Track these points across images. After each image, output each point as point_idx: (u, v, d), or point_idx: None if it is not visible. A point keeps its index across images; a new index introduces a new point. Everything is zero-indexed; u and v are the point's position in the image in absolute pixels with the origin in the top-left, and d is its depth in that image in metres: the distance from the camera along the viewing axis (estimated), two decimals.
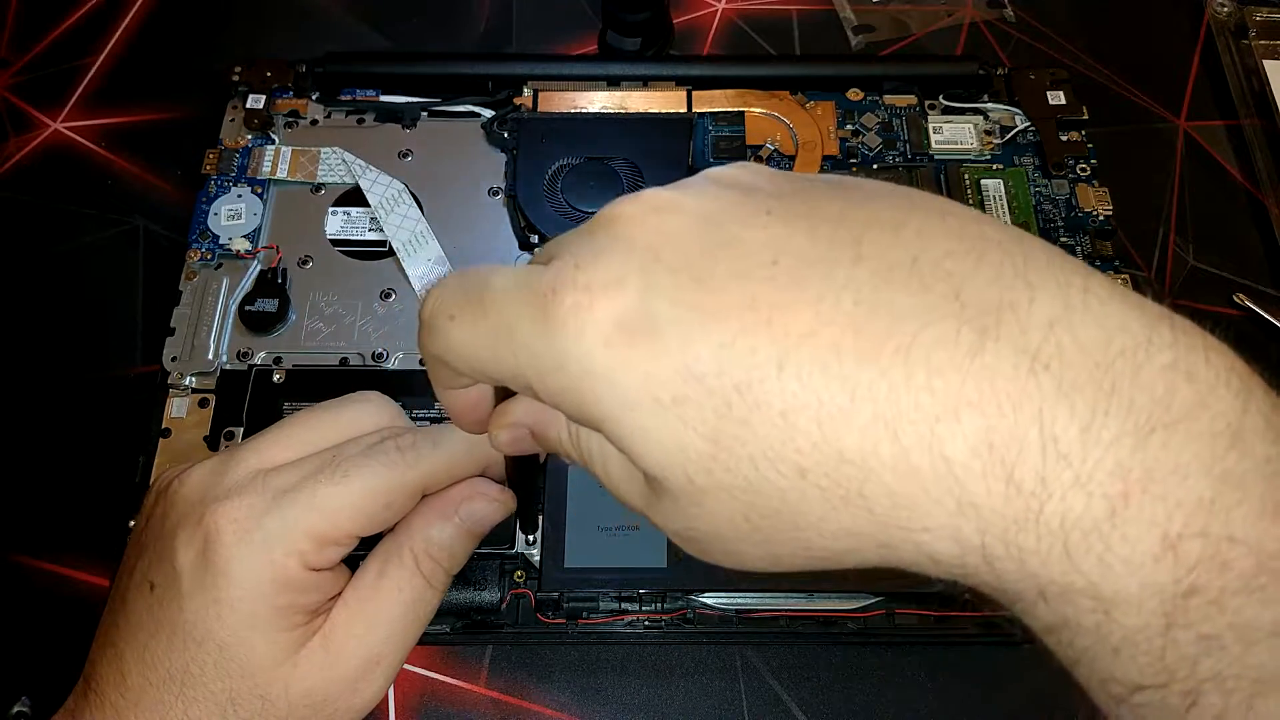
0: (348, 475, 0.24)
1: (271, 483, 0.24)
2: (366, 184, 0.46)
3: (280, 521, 0.23)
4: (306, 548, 0.23)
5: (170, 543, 0.24)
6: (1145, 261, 0.48)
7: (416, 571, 0.25)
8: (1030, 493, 0.14)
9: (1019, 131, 0.49)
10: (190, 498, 0.24)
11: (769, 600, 0.37)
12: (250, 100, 0.49)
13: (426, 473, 0.25)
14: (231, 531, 0.23)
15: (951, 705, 0.38)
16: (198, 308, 0.44)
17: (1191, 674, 0.14)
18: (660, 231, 0.17)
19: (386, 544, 0.26)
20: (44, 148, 0.51)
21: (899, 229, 0.16)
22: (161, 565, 0.24)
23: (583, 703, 0.38)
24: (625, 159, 0.46)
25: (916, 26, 0.55)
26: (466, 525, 0.26)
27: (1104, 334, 0.15)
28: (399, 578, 0.25)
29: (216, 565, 0.23)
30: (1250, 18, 0.54)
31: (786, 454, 0.15)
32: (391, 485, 0.24)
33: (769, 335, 0.15)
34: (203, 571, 0.23)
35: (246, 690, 0.23)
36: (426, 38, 0.55)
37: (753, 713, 0.38)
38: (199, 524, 0.23)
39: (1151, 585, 0.14)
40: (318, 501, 0.24)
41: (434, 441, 0.25)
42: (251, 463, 0.25)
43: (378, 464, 0.24)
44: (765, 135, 0.49)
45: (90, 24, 0.55)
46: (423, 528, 0.25)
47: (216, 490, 0.24)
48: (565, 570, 0.37)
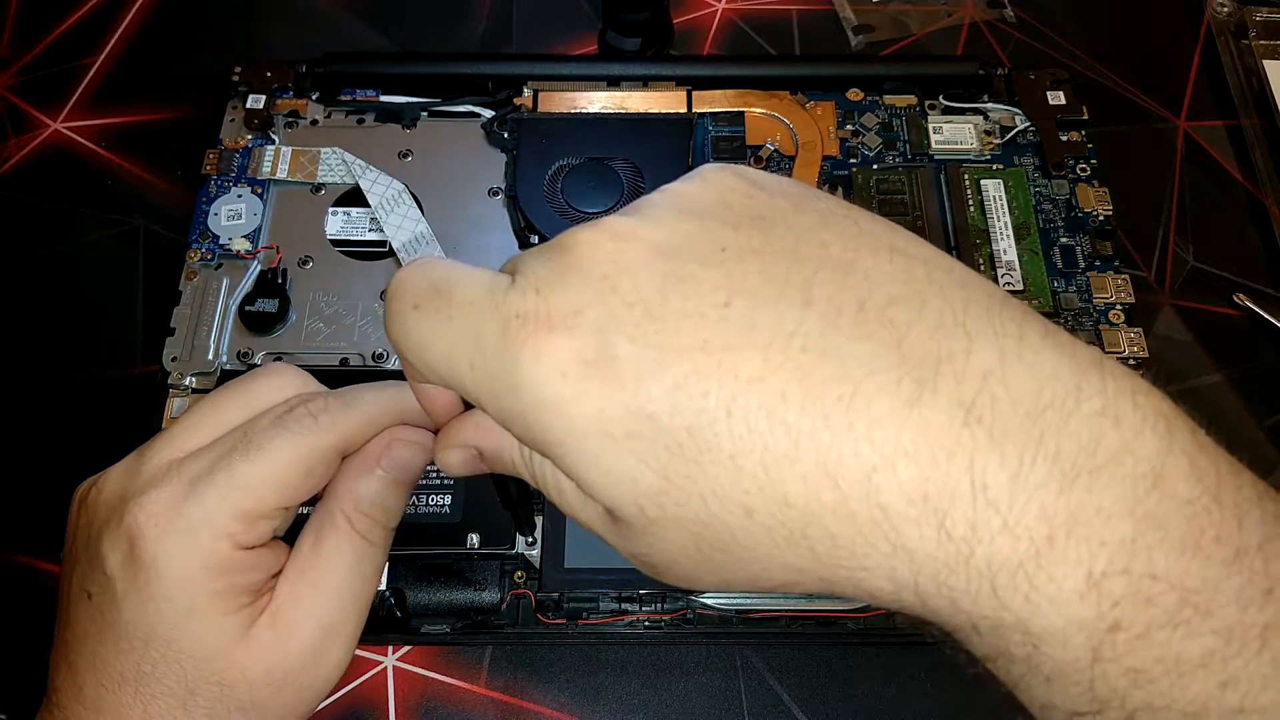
0: (261, 449, 0.24)
1: (186, 470, 0.24)
2: (366, 184, 0.46)
3: (200, 507, 0.23)
4: (234, 528, 0.23)
5: (97, 549, 0.23)
6: (1145, 261, 0.48)
7: (352, 532, 0.25)
8: (961, 538, 0.15)
9: (1019, 131, 0.49)
10: (109, 501, 0.24)
11: (769, 600, 0.37)
12: (250, 100, 0.49)
13: (342, 434, 0.24)
14: (154, 526, 0.23)
15: (951, 705, 0.38)
16: (198, 308, 0.44)
17: (1123, 704, 0.15)
18: (616, 262, 0.17)
19: (317, 512, 0.25)
20: (44, 148, 0.51)
21: (849, 271, 0.17)
22: (93, 573, 0.24)
23: (583, 703, 0.38)
24: (625, 159, 0.46)
25: (916, 26, 0.55)
26: (392, 475, 0.25)
27: (1036, 384, 0.16)
28: (336, 542, 0.25)
29: (145, 562, 0.23)
30: (1250, 18, 0.54)
31: (735, 494, 0.16)
32: (307, 452, 0.24)
33: (719, 378, 0.16)
34: (133, 571, 0.23)
35: (202, 679, 0.23)
36: (426, 38, 0.55)
37: (753, 713, 0.38)
38: (120, 525, 0.23)
39: (1076, 621, 0.15)
40: (235, 480, 0.23)
41: (346, 402, 0.25)
42: (165, 454, 0.24)
43: (290, 433, 0.24)
44: (765, 135, 0.49)
45: (90, 24, 0.55)
46: (348, 488, 0.25)
47: (133, 488, 0.24)
48: (565, 570, 0.37)
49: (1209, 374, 0.44)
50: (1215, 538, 0.15)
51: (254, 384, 0.26)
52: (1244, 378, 0.44)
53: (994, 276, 0.44)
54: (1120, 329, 0.43)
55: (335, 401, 0.25)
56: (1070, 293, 0.44)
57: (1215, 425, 0.42)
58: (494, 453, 0.21)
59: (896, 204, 0.47)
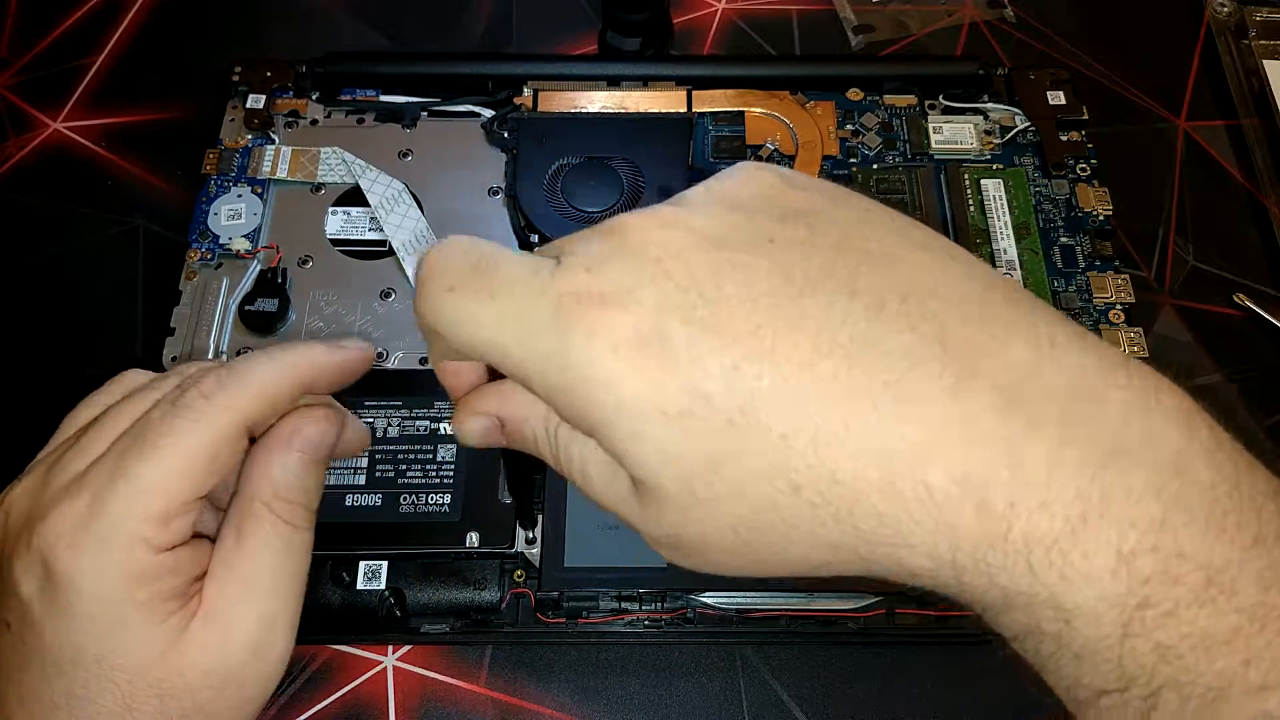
0: (157, 446, 0.22)
1: (89, 481, 0.22)
2: (366, 184, 0.46)
3: (108, 518, 0.22)
4: (147, 532, 0.22)
5: (9, 577, 0.22)
6: (1145, 261, 0.47)
7: (275, 519, 0.24)
8: (999, 515, 0.16)
9: (1019, 131, 0.49)
10: (15, 526, 0.23)
11: (769, 600, 0.37)
12: (250, 100, 0.49)
13: (241, 412, 0.23)
14: (65, 545, 0.22)
15: (951, 705, 0.38)
16: (198, 308, 0.44)
17: (1149, 680, 0.16)
18: (668, 247, 0.18)
19: (235, 503, 0.24)
20: (44, 148, 0.51)
21: (892, 265, 0.18)
22: (8, 601, 0.22)
23: (583, 703, 0.38)
24: (625, 159, 0.46)
25: (916, 26, 0.55)
26: (307, 455, 0.24)
27: (1067, 378, 0.17)
28: (259, 532, 0.23)
29: (61, 583, 0.22)
30: (1250, 18, 0.54)
31: (784, 472, 0.17)
32: (208, 439, 0.22)
33: (772, 362, 0.17)
34: (50, 594, 0.22)
35: (140, 693, 0.22)
36: (426, 38, 0.55)
37: (753, 713, 0.38)
38: (30, 548, 0.22)
39: (1108, 597, 0.16)
40: (138, 483, 0.22)
41: (239, 376, 0.23)
42: (66, 468, 0.23)
43: (184, 420, 0.22)
44: (765, 135, 0.49)
45: (90, 24, 0.55)
46: (263, 474, 0.24)
47: (37, 509, 0.22)
48: (565, 570, 0.37)
49: (1209, 374, 0.44)
50: (1237, 523, 0.16)
51: (127, 378, 0.26)
52: (1244, 378, 0.44)
53: None
54: (1120, 329, 0.43)
55: (229, 376, 0.23)
56: (1070, 292, 0.44)
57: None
58: (516, 425, 0.21)
59: (896, 204, 0.46)
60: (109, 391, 0.27)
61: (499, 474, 0.39)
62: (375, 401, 0.40)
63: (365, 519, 0.38)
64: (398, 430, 0.40)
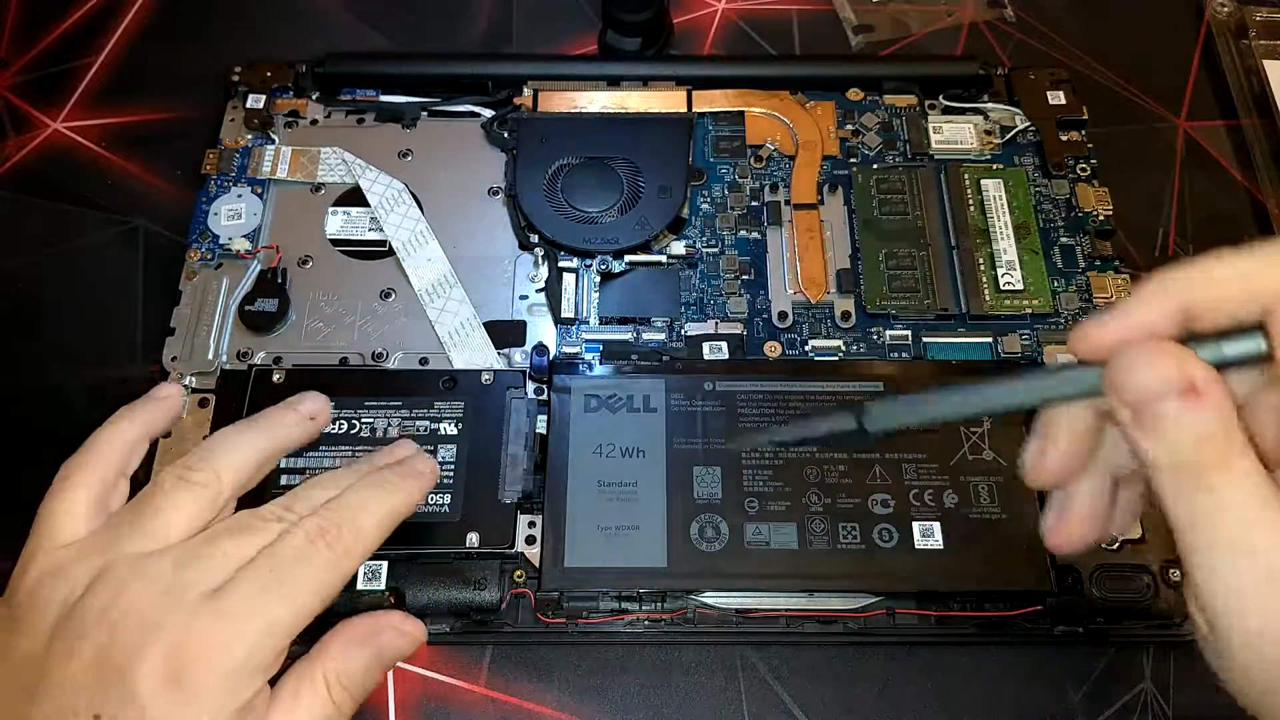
0: (296, 598, 0.24)
1: (230, 612, 0.24)
2: (366, 184, 0.46)
3: (245, 645, 0.23)
4: (270, 668, 0.24)
5: (129, 670, 0.22)
6: (1145, 262, 0.47)
7: (328, 698, 0.25)
8: None
9: (1019, 131, 0.49)
10: (140, 621, 0.23)
11: (769, 600, 0.37)
12: (250, 100, 0.49)
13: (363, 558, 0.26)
14: (204, 669, 0.23)
15: (951, 705, 0.38)
16: (198, 308, 0.44)
17: None
18: None
19: (302, 665, 0.26)
20: (44, 148, 0.51)
21: None
22: (116, 691, 0.22)
23: (583, 703, 0.38)
24: (625, 159, 0.46)
25: (916, 26, 0.55)
26: (377, 657, 0.26)
27: None
28: (311, 703, 0.25)
29: (187, 698, 0.22)
30: (1250, 18, 0.54)
31: None
32: (334, 586, 0.25)
33: None
34: (169, 701, 0.22)
35: None
36: (426, 38, 0.55)
37: (753, 713, 0.38)
38: (164, 658, 0.23)
39: None
40: (277, 628, 0.24)
41: (360, 529, 0.26)
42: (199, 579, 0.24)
43: (320, 571, 0.25)
44: (765, 135, 0.49)
45: (90, 24, 0.55)
46: (337, 654, 0.26)
47: (172, 615, 0.23)
48: (565, 570, 0.37)
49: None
50: None
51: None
52: None
53: (994, 276, 0.44)
54: None
55: (351, 529, 0.26)
56: (1070, 292, 0.44)
57: None
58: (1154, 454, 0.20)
59: (896, 204, 0.47)
60: (150, 410, 0.29)
61: (499, 474, 0.39)
62: (375, 401, 0.40)
63: None
64: (397, 430, 0.40)
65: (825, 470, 0.39)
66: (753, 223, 0.46)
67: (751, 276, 0.45)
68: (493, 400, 0.40)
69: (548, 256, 0.45)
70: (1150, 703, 0.38)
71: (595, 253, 0.45)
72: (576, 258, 0.45)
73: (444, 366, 0.42)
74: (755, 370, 0.41)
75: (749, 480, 0.38)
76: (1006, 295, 0.44)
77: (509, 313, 0.44)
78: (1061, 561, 0.37)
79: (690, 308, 0.44)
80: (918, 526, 0.38)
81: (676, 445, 0.39)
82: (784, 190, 0.47)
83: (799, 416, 0.39)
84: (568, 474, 0.38)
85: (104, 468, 0.27)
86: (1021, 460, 0.23)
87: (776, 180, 0.47)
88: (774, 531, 0.37)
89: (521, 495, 0.39)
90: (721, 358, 0.42)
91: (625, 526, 0.37)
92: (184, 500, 0.26)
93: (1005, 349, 0.43)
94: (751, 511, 0.38)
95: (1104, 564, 0.38)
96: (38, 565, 0.25)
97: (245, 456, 0.27)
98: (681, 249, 0.45)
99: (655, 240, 0.45)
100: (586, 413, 0.40)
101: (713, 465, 0.39)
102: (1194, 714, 0.38)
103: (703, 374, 0.41)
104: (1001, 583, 0.37)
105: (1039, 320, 0.44)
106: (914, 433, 0.39)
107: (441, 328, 0.43)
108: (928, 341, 0.43)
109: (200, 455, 0.27)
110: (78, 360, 0.45)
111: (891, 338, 0.43)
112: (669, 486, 0.38)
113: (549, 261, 0.45)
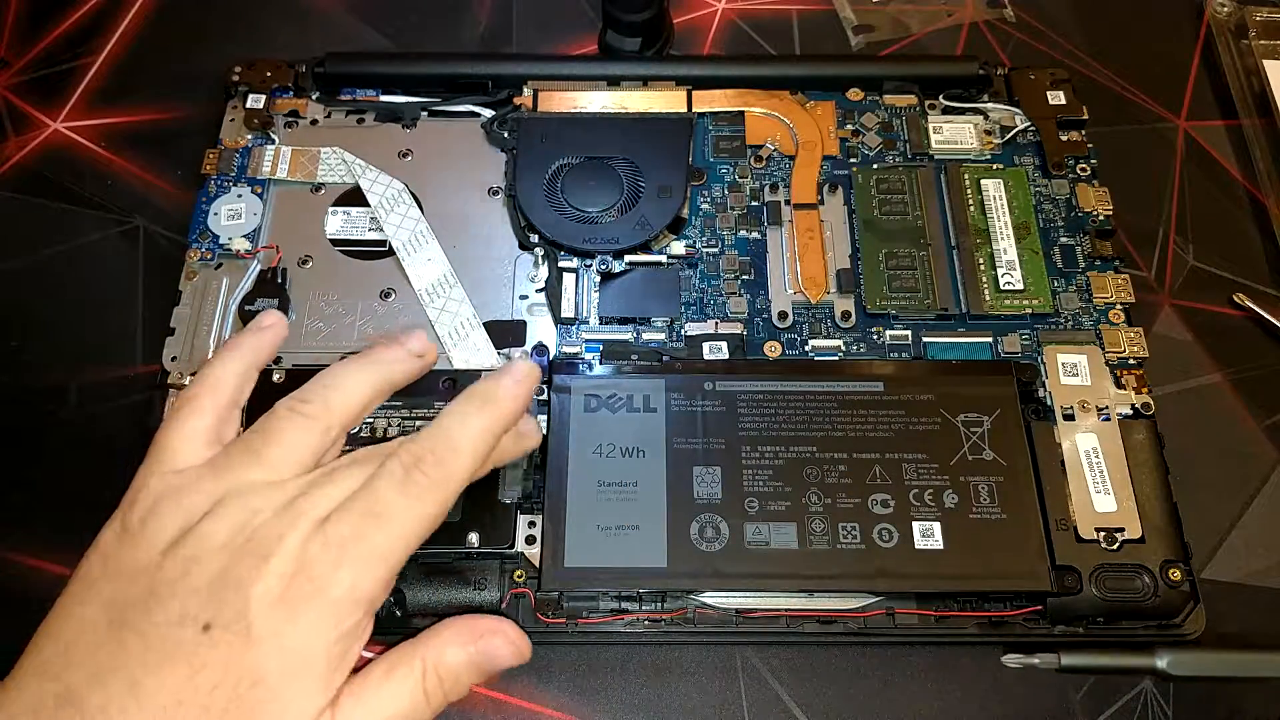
0: (397, 534, 0.25)
1: (339, 540, 0.24)
2: (366, 184, 0.46)
3: (350, 575, 0.24)
4: (376, 596, 0.24)
5: (243, 586, 0.23)
6: (1145, 261, 0.48)
7: (420, 685, 0.25)
8: None
9: (1019, 131, 0.49)
10: (264, 539, 0.24)
11: (769, 600, 0.37)
12: (250, 100, 0.49)
13: (461, 485, 0.26)
14: (310, 583, 0.24)
15: (951, 705, 0.38)
16: (198, 308, 0.44)
17: None
18: None
19: (404, 648, 0.26)
20: (44, 148, 0.51)
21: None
22: (228, 606, 0.23)
23: (583, 703, 0.38)
24: (625, 159, 0.46)
25: (916, 26, 0.55)
26: (479, 659, 0.26)
27: None
28: (403, 684, 0.25)
29: (295, 612, 0.23)
30: (1250, 18, 0.54)
31: None
32: (434, 516, 0.26)
33: None
34: (280, 616, 0.23)
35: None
36: (426, 38, 0.55)
37: (753, 713, 0.38)
38: (282, 563, 0.24)
39: None
40: (384, 564, 0.24)
41: (457, 451, 0.26)
42: (314, 506, 0.25)
43: (419, 503, 0.25)
44: (765, 135, 0.49)
45: (90, 24, 0.55)
46: (441, 645, 0.26)
47: (285, 541, 0.24)
48: (565, 570, 0.37)
49: (1209, 374, 0.44)
50: None
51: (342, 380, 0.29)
52: (1244, 378, 0.44)
53: (994, 276, 0.44)
54: (1120, 329, 0.43)
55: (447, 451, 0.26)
56: (1070, 292, 0.44)
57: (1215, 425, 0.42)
58: None
59: (896, 204, 0.47)
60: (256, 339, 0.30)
61: (499, 474, 0.39)
62: None
63: None
64: (398, 430, 0.40)
65: (825, 470, 0.39)
66: (753, 223, 0.46)
67: (751, 276, 0.45)
68: None
69: (548, 256, 0.45)
70: (1150, 703, 0.38)
71: (595, 253, 0.45)
72: (576, 258, 0.45)
73: (444, 366, 0.42)
74: (755, 370, 0.41)
75: (749, 480, 0.38)
76: (1006, 295, 0.44)
77: (509, 313, 0.44)
78: (1061, 561, 0.37)
79: (690, 308, 0.44)
80: (918, 526, 0.38)
81: (676, 445, 0.39)
82: (784, 190, 0.47)
83: (1086, 648, 0.37)
84: (567, 474, 0.39)
85: (217, 397, 0.28)
86: None
87: (776, 180, 0.47)
88: (774, 531, 0.37)
89: (521, 495, 0.39)
90: (721, 358, 0.42)
91: (625, 526, 0.37)
92: (297, 431, 0.27)
93: (1005, 349, 0.43)
94: (751, 511, 0.38)
95: (1104, 564, 0.38)
96: (153, 489, 0.26)
97: (356, 390, 0.28)
98: (681, 249, 0.45)
99: (655, 240, 0.45)
100: (586, 412, 0.40)
101: (713, 465, 0.39)
102: (1194, 714, 0.38)
103: (703, 374, 0.41)
104: (1001, 583, 0.37)
105: (1039, 320, 0.44)
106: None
107: (441, 328, 0.43)
108: (928, 341, 0.43)
109: (313, 388, 0.28)
110: (78, 360, 0.45)
111: (891, 338, 0.44)
112: (669, 486, 0.38)
113: (549, 261, 0.45)
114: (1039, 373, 0.42)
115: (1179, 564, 0.38)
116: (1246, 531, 0.41)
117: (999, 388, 0.41)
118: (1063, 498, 0.39)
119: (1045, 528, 0.38)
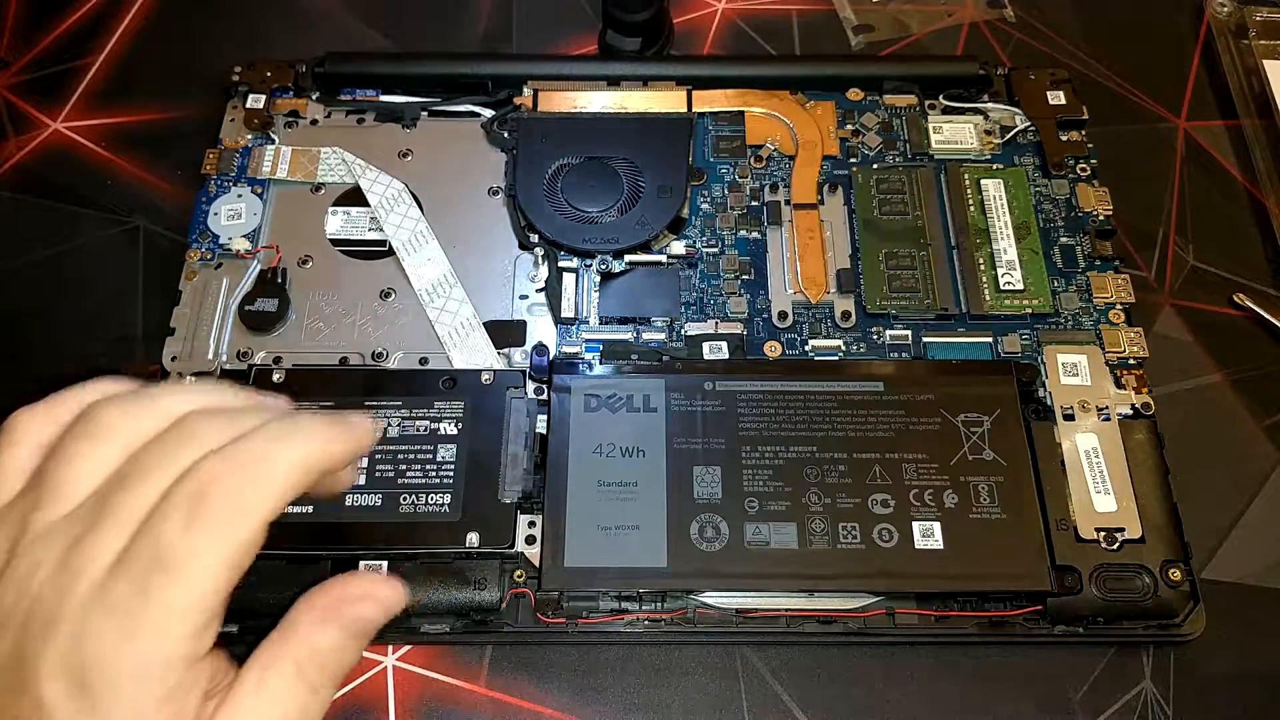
0: (185, 569, 0.20)
1: (120, 604, 0.20)
2: (366, 184, 0.46)
3: (146, 644, 0.20)
4: (183, 651, 0.20)
5: (33, 674, 0.20)
6: (1145, 261, 0.47)
7: (298, 683, 0.22)
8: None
9: (1019, 131, 0.49)
10: (41, 619, 0.20)
11: (769, 600, 0.37)
12: (250, 100, 0.49)
13: (268, 516, 0.21)
14: (107, 664, 0.19)
15: (951, 705, 0.38)
16: (198, 308, 0.44)
17: None
18: None
19: (268, 649, 0.22)
20: (44, 148, 0.51)
21: None
22: (24, 699, 0.20)
23: (583, 703, 0.38)
24: (625, 159, 0.46)
25: (916, 26, 0.55)
26: (353, 628, 0.22)
27: None
28: (280, 690, 0.21)
29: (95, 699, 0.19)
30: (1250, 18, 0.54)
31: None
32: (238, 548, 0.21)
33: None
34: (78, 705, 0.19)
35: None
36: (426, 38, 0.55)
37: (753, 713, 0.38)
38: (64, 657, 0.20)
39: None
40: (170, 611, 0.20)
41: (260, 479, 0.21)
42: (94, 559, 0.20)
43: (210, 539, 0.20)
44: (765, 135, 0.49)
45: (90, 24, 0.55)
46: (308, 633, 0.22)
47: (64, 606, 0.20)
48: (565, 570, 0.37)
49: (1209, 374, 0.44)
50: None
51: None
52: (1244, 378, 0.44)
53: (994, 276, 0.44)
54: (1120, 329, 0.43)
55: (247, 478, 0.21)
56: (1070, 292, 0.44)
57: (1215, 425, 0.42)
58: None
59: (896, 204, 0.47)
60: (62, 403, 0.25)
61: (499, 474, 0.39)
62: (375, 401, 0.40)
63: (365, 519, 0.38)
64: (397, 430, 0.40)
65: (825, 470, 0.39)
66: (753, 223, 0.46)
67: (751, 276, 0.45)
68: (493, 400, 0.40)
69: (548, 256, 0.45)
70: (1150, 703, 0.38)
71: (595, 253, 0.45)
72: (576, 258, 0.45)
73: (444, 366, 0.42)
74: (755, 370, 0.41)
75: (749, 480, 0.38)
76: (1006, 295, 0.44)
77: (509, 312, 0.44)
78: (1061, 561, 0.37)
79: (690, 308, 0.44)
80: (918, 526, 0.38)
81: (676, 445, 0.39)
82: (784, 190, 0.47)
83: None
84: (568, 474, 0.39)
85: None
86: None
87: (776, 180, 0.47)
88: (774, 531, 0.37)
89: (521, 495, 0.39)
90: (721, 358, 0.42)
91: (625, 526, 0.37)
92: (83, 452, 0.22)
93: (1005, 349, 0.43)
94: (751, 511, 0.38)
95: (1104, 564, 0.38)
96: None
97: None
98: (681, 249, 0.45)
99: (655, 240, 0.45)
100: (586, 412, 0.40)
101: (713, 465, 0.39)
102: (1194, 714, 0.38)
103: (703, 374, 0.41)
104: (1001, 583, 0.37)
105: (1039, 320, 0.44)
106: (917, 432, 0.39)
107: (441, 327, 0.43)
108: (928, 341, 0.43)
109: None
110: (78, 360, 0.45)
111: (891, 338, 0.44)
112: (669, 486, 0.38)
113: (549, 261, 0.45)
114: (1039, 373, 0.42)
115: (1179, 564, 0.38)
116: (1246, 531, 0.41)
117: (999, 388, 0.41)
118: (1063, 498, 0.39)
119: (1045, 528, 0.38)
